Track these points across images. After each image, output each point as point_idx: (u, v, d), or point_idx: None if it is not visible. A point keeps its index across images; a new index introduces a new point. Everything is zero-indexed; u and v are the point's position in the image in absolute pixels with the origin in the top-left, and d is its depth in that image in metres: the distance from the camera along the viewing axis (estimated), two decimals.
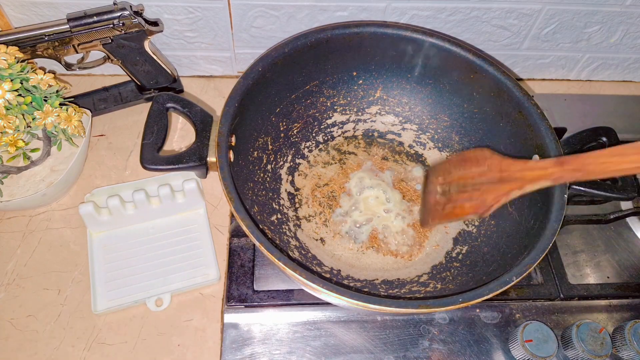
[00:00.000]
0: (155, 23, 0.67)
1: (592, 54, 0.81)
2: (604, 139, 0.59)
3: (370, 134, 0.73)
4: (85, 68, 0.69)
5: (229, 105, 0.54)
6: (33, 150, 0.64)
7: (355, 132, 0.73)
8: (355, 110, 0.73)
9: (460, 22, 0.73)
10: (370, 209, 0.66)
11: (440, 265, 0.62)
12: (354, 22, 0.64)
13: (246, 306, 0.60)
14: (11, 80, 0.56)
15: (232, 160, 0.53)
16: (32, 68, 0.59)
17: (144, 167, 0.52)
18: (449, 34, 0.75)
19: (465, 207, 0.50)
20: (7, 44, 0.60)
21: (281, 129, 0.67)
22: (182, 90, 0.77)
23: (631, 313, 0.63)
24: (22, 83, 0.57)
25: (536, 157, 0.58)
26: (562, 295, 0.63)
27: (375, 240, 0.64)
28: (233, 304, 0.59)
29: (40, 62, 0.71)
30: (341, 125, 0.73)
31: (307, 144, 0.71)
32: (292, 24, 0.71)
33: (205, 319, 0.60)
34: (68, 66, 0.68)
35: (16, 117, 0.57)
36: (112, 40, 0.65)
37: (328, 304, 0.60)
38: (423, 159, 0.72)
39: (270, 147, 0.66)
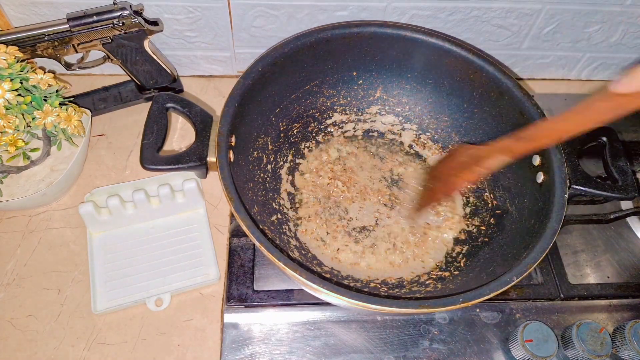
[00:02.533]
0: (155, 23, 0.67)
1: (592, 53, 0.81)
2: (604, 138, 0.59)
3: (370, 134, 0.73)
4: (85, 68, 0.69)
5: (228, 105, 0.54)
6: (33, 150, 0.64)
7: (355, 132, 0.73)
8: (355, 110, 0.73)
9: (460, 21, 0.73)
10: (370, 210, 0.66)
11: (440, 265, 0.62)
12: (354, 22, 0.64)
13: (246, 306, 0.60)
14: (11, 80, 0.56)
15: (232, 160, 0.53)
16: (32, 68, 0.59)
17: (144, 167, 0.52)
18: (449, 33, 0.75)
19: (451, 185, 0.58)
20: (7, 43, 0.60)
21: (281, 129, 0.67)
22: (182, 90, 0.77)
23: (631, 313, 0.63)
24: (22, 83, 0.57)
25: (536, 157, 0.58)
26: (562, 295, 0.63)
27: (375, 241, 0.64)
28: (233, 303, 0.59)
29: (40, 61, 0.70)
30: (341, 125, 0.73)
31: (307, 144, 0.70)
32: (292, 24, 0.71)
33: (205, 319, 0.60)
34: (68, 66, 0.68)
35: (16, 116, 0.57)
36: (112, 39, 0.65)
37: (328, 304, 0.60)
38: (423, 159, 0.72)
39: (270, 147, 0.66)
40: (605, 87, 0.36)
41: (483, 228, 0.64)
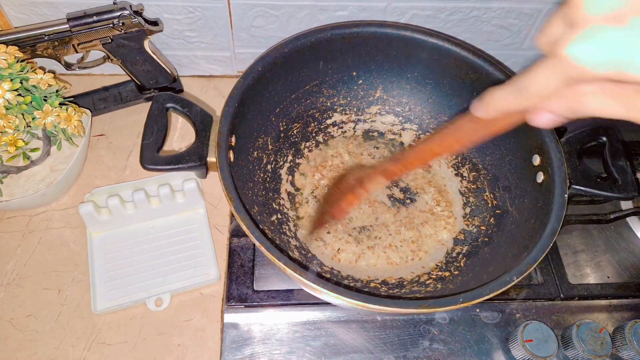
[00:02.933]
0: (155, 23, 0.67)
1: None
2: (604, 138, 0.59)
3: (370, 134, 0.73)
4: (85, 68, 0.69)
5: (228, 105, 0.54)
6: (33, 150, 0.64)
7: (355, 132, 0.73)
8: (355, 110, 0.73)
9: (461, 21, 0.73)
10: (370, 210, 0.66)
11: (440, 265, 0.62)
12: (354, 22, 0.64)
13: (246, 306, 0.60)
14: (11, 80, 0.56)
15: (232, 160, 0.53)
16: (31, 68, 0.59)
17: (144, 167, 0.52)
18: (449, 33, 0.74)
19: (338, 209, 0.57)
20: (7, 43, 0.60)
21: (281, 129, 0.67)
22: (182, 90, 0.77)
23: (631, 313, 0.63)
24: (21, 83, 0.57)
25: (536, 156, 0.58)
26: (562, 295, 0.63)
27: (375, 241, 0.64)
28: (233, 303, 0.59)
29: (40, 61, 0.70)
30: (341, 125, 0.73)
31: (307, 144, 0.70)
32: (292, 24, 0.71)
33: (205, 319, 0.60)
34: (68, 66, 0.68)
35: (16, 116, 0.57)
36: (112, 39, 0.65)
37: (328, 304, 0.60)
38: None
39: (270, 147, 0.66)
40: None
41: (483, 228, 0.64)
